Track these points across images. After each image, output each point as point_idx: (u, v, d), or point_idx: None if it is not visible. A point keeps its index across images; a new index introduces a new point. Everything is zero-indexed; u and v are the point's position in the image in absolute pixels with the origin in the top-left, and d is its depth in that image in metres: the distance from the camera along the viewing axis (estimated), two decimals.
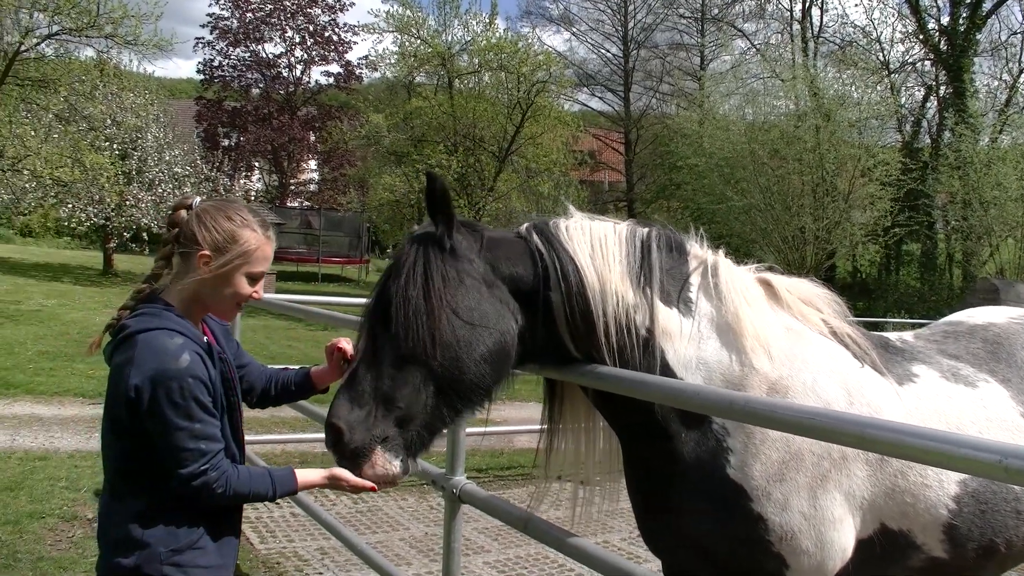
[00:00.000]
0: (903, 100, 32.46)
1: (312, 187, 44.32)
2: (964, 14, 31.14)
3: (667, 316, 2.37)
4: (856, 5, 40.56)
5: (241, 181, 36.03)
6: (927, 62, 34.22)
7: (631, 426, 2.45)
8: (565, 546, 2.68)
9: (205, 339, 2.31)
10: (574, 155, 29.87)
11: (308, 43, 40.84)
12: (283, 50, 40.84)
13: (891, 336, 2.87)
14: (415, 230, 2.34)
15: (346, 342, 2.59)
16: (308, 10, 40.29)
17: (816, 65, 27.28)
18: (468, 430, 3.68)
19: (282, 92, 41.21)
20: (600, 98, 42.23)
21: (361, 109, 37.20)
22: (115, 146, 20.37)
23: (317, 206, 39.38)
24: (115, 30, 15.10)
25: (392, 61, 28.22)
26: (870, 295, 30.41)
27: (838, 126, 22.39)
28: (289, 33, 40.56)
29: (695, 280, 2.46)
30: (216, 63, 39.89)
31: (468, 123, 24.89)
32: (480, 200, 24.05)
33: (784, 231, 22.62)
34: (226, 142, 38.91)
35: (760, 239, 23.05)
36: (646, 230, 2.48)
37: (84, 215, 19.18)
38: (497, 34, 25.72)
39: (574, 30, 42.09)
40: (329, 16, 40.81)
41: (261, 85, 41.03)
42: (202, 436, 2.15)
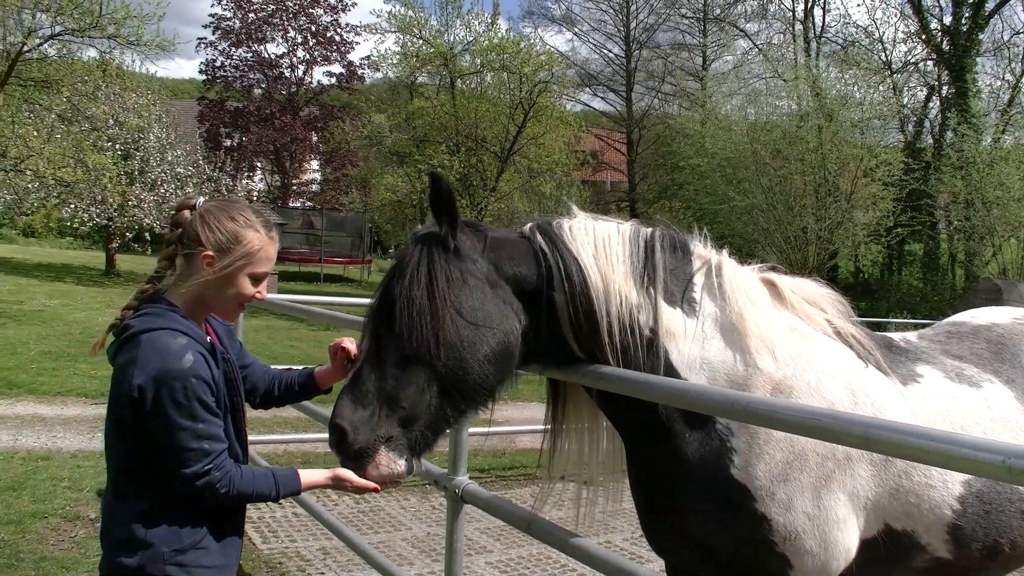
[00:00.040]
0: (905, 100, 32.41)
1: (314, 187, 44.30)
2: (967, 14, 31.09)
3: (671, 316, 2.36)
4: (858, 5, 40.62)
5: (243, 181, 36.10)
6: (929, 62, 34.18)
7: (635, 426, 2.45)
8: (568, 546, 2.67)
9: (208, 339, 2.31)
10: (576, 155, 29.84)
11: (310, 43, 40.82)
12: (285, 50, 40.86)
13: (895, 336, 2.86)
14: (419, 230, 2.34)
15: (350, 342, 2.59)
16: (310, 10, 40.26)
17: (818, 65, 27.25)
18: (470, 430, 3.68)
19: (284, 92, 41.20)
20: (602, 98, 42.30)
21: (363, 109, 37.24)
22: (118, 146, 20.38)
23: (319, 206, 39.33)
24: (118, 31, 15.08)
25: (394, 61, 28.23)
26: (872, 295, 30.36)
27: (840, 126, 22.36)
28: (291, 33, 40.55)
29: (699, 280, 2.46)
30: (218, 63, 39.90)
31: (470, 123, 24.87)
32: (482, 200, 24.04)
33: (786, 231, 22.60)
34: (228, 142, 38.93)
35: (762, 239, 23.03)
36: (650, 230, 2.47)
37: (87, 215, 19.20)
38: (499, 34, 25.71)
39: (576, 30, 42.16)
40: (331, 16, 40.81)
41: (263, 85, 41.00)
42: (206, 436, 2.15)
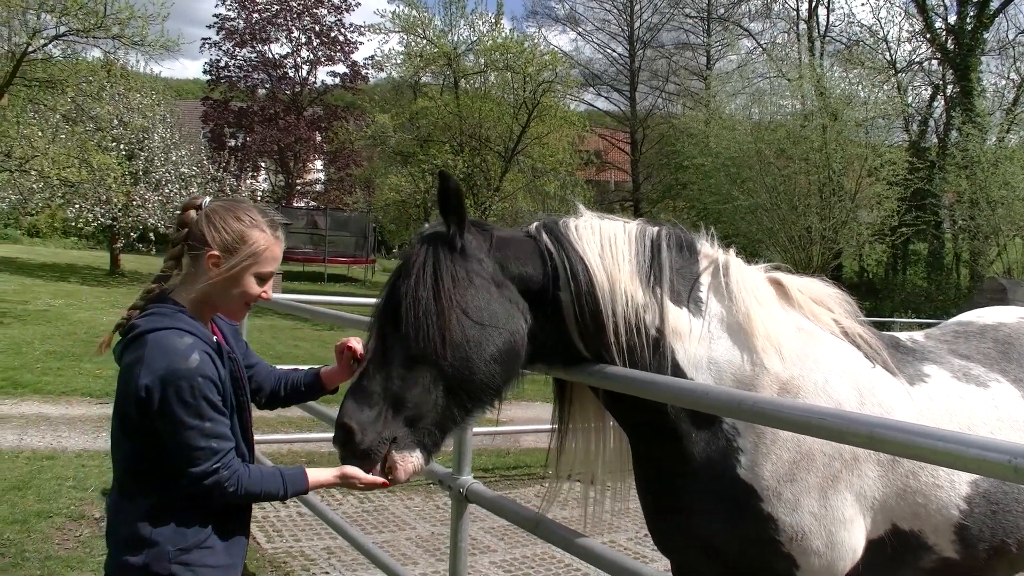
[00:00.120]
0: (910, 99, 32.39)
1: (318, 187, 44.32)
2: (971, 13, 31.03)
3: (677, 316, 2.36)
4: (863, 4, 40.63)
5: (247, 181, 36.16)
6: (934, 61, 34.15)
7: (641, 426, 2.45)
8: (573, 546, 2.67)
9: (215, 339, 2.31)
10: (580, 155, 29.80)
11: (314, 43, 40.84)
12: (289, 50, 40.87)
13: (902, 336, 2.85)
14: (425, 229, 2.33)
15: (356, 341, 2.59)
16: (314, 10, 40.28)
17: (822, 64, 27.24)
18: (475, 430, 3.68)
19: (288, 92, 41.22)
20: (606, 98, 42.30)
21: (367, 109, 37.22)
22: (122, 146, 20.42)
23: (323, 206, 39.35)
24: (122, 31, 15.10)
25: (398, 61, 28.27)
26: (877, 295, 30.33)
27: (845, 125, 22.34)
28: (295, 33, 40.57)
29: (706, 280, 2.45)
30: (222, 63, 39.94)
31: (474, 123, 24.87)
32: (486, 200, 24.04)
33: (790, 231, 22.58)
34: (232, 142, 38.94)
35: (766, 239, 23.01)
36: (656, 229, 2.46)
37: (91, 215, 19.25)
38: (503, 34, 25.73)
39: (580, 30, 42.19)
40: (335, 16, 40.81)
41: (267, 85, 41.04)
42: (213, 435, 2.15)
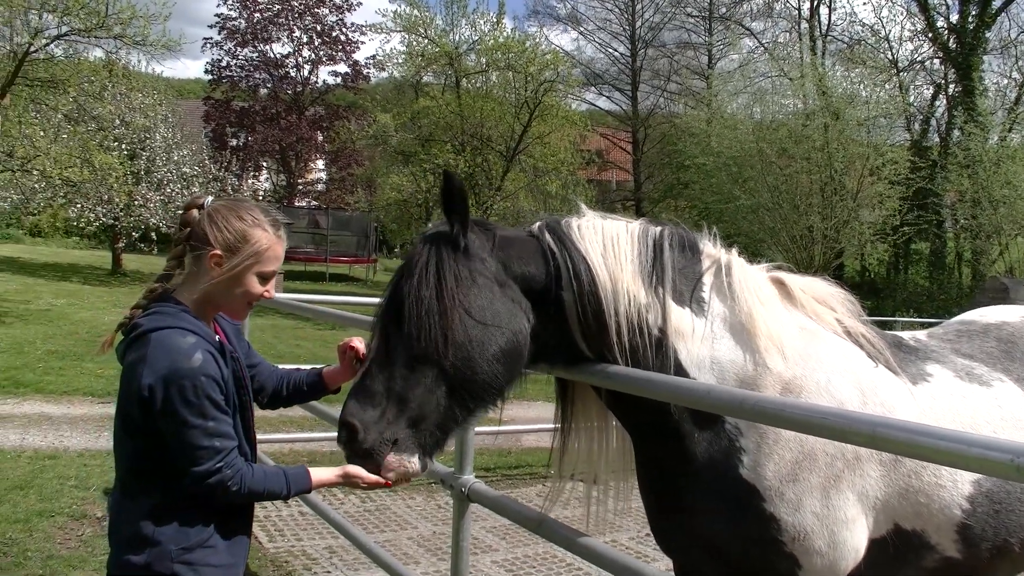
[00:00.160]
0: (912, 98, 32.38)
1: (320, 187, 44.36)
2: (973, 12, 31.01)
3: (680, 316, 2.35)
4: (864, 3, 40.68)
5: (249, 181, 36.12)
6: (936, 60, 34.13)
7: (643, 426, 2.44)
8: (575, 545, 2.67)
9: (217, 338, 2.31)
10: (582, 154, 29.80)
11: (316, 43, 40.84)
12: (291, 50, 40.87)
13: (905, 335, 2.85)
14: (428, 229, 2.33)
15: (358, 341, 2.59)
16: (315, 10, 40.28)
17: (824, 63, 27.20)
18: (477, 429, 3.68)
19: (290, 92, 41.24)
20: (608, 97, 42.30)
21: (369, 109, 37.26)
22: (124, 146, 20.44)
23: (325, 206, 39.38)
24: (124, 31, 15.13)
25: (399, 61, 28.32)
26: (879, 294, 30.31)
27: (846, 125, 22.32)
28: (297, 33, 40.58)
29: (708, 279, 2.45)
30: (224, 63, 39.96)
31: (476, 122, 24.90)
32: (488, 199, 24.06)
33: (792, 230, 22.57)
34: (234, 142, 38.94)
35: (768, 238, 23.00)
36: (659, 229, 2.46)
37: (93, 215, 19.26)
38: (504, 33, 25.75)
39: (581, 29, 42.23)
40: (336, 16, 40.82)
41: (269, 85, 41.06)
42: (216, 434, 2.15)
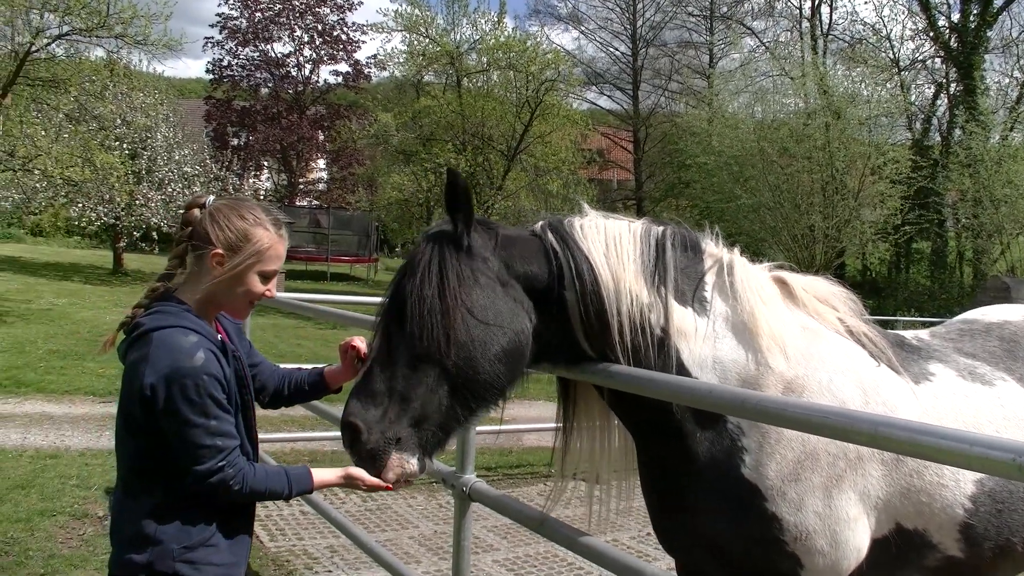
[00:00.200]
0: (913, 97, 32.32)
1: (321, 186, 44.40)
2: (975, 11, 30.99)
3: (682, 315, 2.35)
4: (865, 2, 40.61)
5: (250, 180, 36.10)
6: (937, 59, 34.10)
7: (646, 425, 2.44)
8: (576, 545, 2.67)
9: (219, 337, 2.31)
10: (583, 153, 29.78)
11: (317, 42, 40.87)
12: (292, 49, 40.90)
13: (907, 334, 2.84)
14: (431, 228, 2.33)
15: (360, 341, 2.59)
16: (317, 9, 40.30)
17: (825, 63, 27.16)
18: (478, 428, 3.67)
19: (291, 91, 41.27)
20: (609, 96, 42.29)
21: (370, 108, 37.22)
22: (125, 146, 20.43)
23: (326, 205, 39.38)
24: (125, 30, 15.13)
25: (401, 60, 28.31)
26: (880, 293, 30.29)
27: (848, 124, 22.29)
28: (298, 32, 40.62)
29: (710, 279, 2.45)
30: (225, 63, 39.99)
31: (477, 122, 24.89)
32: (489, 199, 24.05)
33: (793, 229, 22.54)
34: (235, 141, 38.97)
35: (769, 237, 22.97)
36: (661, 229, 2.46)
37: (94, 214, 19.25)
38: (506, 33, 25.74)
39: (583, 28, 42.21)
40: (338, 15, 40.83)
41: (270, 84, 41.09)
42: (218, 433, 2.15)
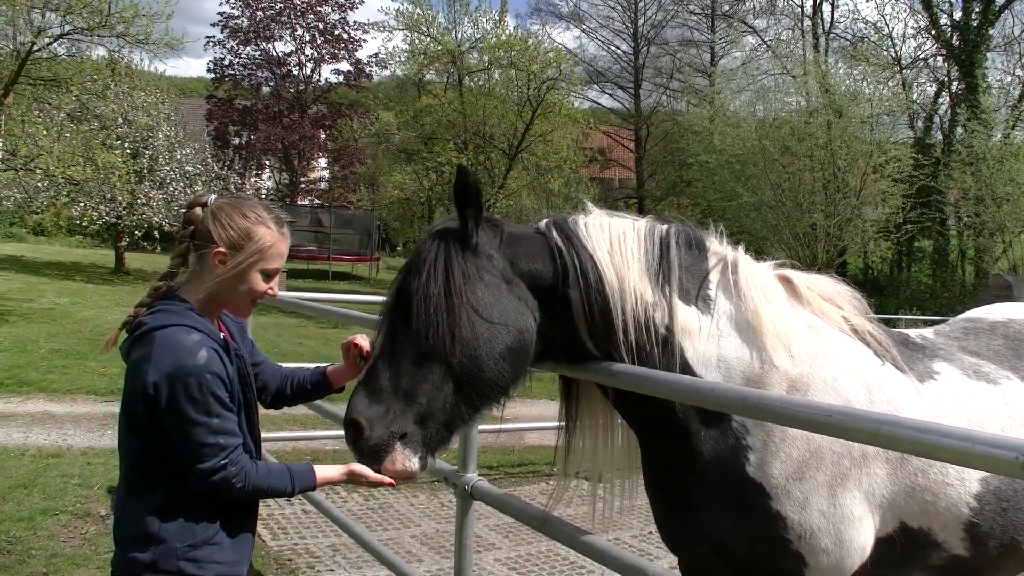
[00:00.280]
0: (915, 96, 32.27)
1: (322, 185, 44.36)
2: (977, 9, 30.96)
3: (686, 314, 2.35)
4: (867, 0, 40.53)
5: (252, 179, 36.11)
6: (939, 58, 34.05)
7: (649, 424, 2.44)
8: (578, 543, 2.66)
9: (222, 335, 2.31)
10: (584, 152, 29.80)
11: (318, 41, 40.84)
12: (293, 48, 40.86)
13: (911, 333, 2.84)
14: (436, 225, 2.33)
15: (363, 339, 2.58)
16: (318, 8, 40.27)
17: (827, 61, 27.13)
18: (480, 427, 3.67)
19: (292, 90, 41.24)
20: (610, 95, 42.29)
21: (371, 107, 37.21)
22: (127, 145, 20.44)
23: (327, 204, 39.35)
24: (126, 29, 15.12)
25: (402, 59, 28.32)
26: (882, 292, 30.26)
27: (849, 122, 22.26)
28: (299, 31, 40.56)
29: (714, 277, 2.44)
30: (226, 62, 39.95)
31: (478, 120, 24.89)
32: (490, 198, 24.03)
33: (795, 228, 22.52)
34: (237, 140, 38.96)
35: (771, 236, 22.95)
36: (665, 227, 2.45)
37: (96, 214, 19.26)
38: (507, 31, 25.75)
39: (584, 27, 42.17)
40: (339, 14, 40.78)
41: (271, 83, 41.05)
42: (221, 431, 2.15)
